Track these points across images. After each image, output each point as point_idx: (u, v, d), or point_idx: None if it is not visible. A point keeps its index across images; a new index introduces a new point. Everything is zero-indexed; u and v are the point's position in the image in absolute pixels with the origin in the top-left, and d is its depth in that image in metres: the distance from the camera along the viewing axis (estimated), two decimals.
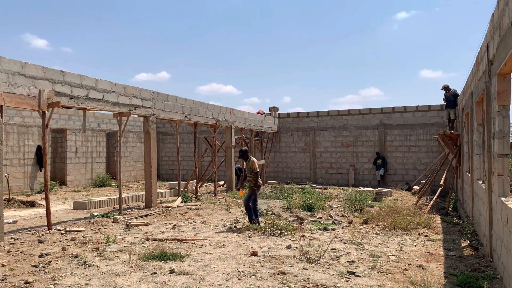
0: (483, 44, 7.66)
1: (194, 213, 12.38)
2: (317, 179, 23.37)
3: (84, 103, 11.44)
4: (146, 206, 13.92)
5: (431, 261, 7.27)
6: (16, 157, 19.09)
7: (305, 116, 24.01)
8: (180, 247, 7.93)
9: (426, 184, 16.18)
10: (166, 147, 27.91)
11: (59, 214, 12.66)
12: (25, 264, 6.84)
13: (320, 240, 8.71)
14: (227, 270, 6.47)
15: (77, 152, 22.24)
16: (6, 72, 9.24)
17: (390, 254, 7.63)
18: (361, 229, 10.15)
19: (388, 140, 21.72)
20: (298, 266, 6.73)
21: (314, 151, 23.56)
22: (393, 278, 6.20)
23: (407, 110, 21.39)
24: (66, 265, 6.73)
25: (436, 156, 20.19)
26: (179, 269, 6.41)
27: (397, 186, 20.57)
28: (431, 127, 20.68)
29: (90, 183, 22.60)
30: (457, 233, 9.90)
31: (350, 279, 6.09)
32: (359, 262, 7.06)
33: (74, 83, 11.12)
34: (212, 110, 17.84)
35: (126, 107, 12.92)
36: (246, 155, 10.73)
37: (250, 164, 10.45)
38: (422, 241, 8.92)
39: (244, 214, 12.10)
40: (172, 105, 15.27)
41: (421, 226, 10.33)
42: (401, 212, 11.77)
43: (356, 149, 22.55)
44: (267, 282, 5.85)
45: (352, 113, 22.78)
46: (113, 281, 5.87)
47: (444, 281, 6.09)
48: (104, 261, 6.96)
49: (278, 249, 7.95)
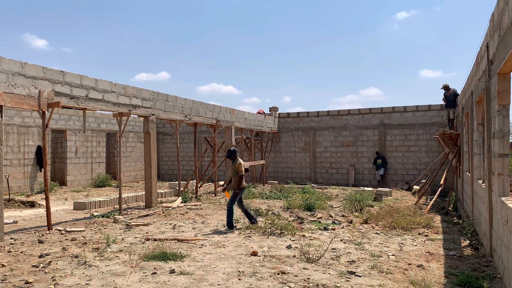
0: (483, 44, 7.66)
1: (194, 213, 12.37)
2: (317, 179, 23.37)
3: (84, 103, 11.43)
4: (146, 206, 13.92)
5: (431, 260, 7.27)
6: (16, 157, 19.09)
7: (305, 116, 24.01)
8: (180, 247, 7.93)
9: (426, 183, 16.18)
10: (166, 147, 27.91)
11: (59, 214, 12.66)
12: (25, 264, 6.84)
13: (320, 240, 8.71)
14: (227, 270, 6.47)
15: (77, 152, 22.24)
16: (6, 72, 9.24)
17: (390, 254, 7.63)
18: (361, 229, 10.15)
19: (388, 140, 21.73)
20: (298, 266, 6.73)
21: (314, 151, 23.56)
22: (393, 278, 6.20)
23: (407, 109, 21.39)
24: (66, 265, 6.73)
25: (436, 155, 20.19)
26: (179, 269, 6.41)
27: (397, 186, 20.58)
28: (431, 127, 20.68)
29: (90, 183, 22.60)
30: (457, 232, 9.90)
31: (350, 279, 6.09)
32: (359, 262, 7.06)
33: (74, 83, 11.11)
34: (212, 110, 17.84)
35: (126, 107, 12.92)
36: (233, 156, 10.38)
37: (237, 166, 10.16)
38: (422, 240, 8.92)
39: (243, 214, 12.10)
40: (172, 105, 15.27)
41: (421, 225, 10.33)
42: (401, 212, 11.77)
43: (356, 149, 22.55)
44: (267, 282, 5.85)
45: (352, 113, 22.78)
46: (113, 281, 5.87)
47: (444, 280, 6.09)
48: (104, 261, 6.96)
49: (278, 249, 7.95)
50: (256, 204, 14.17)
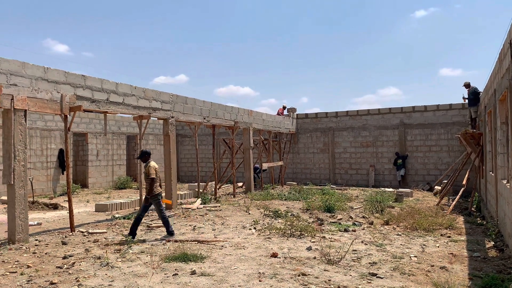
0: (506, 41, 7.50)
1: (214, 215, 12.43)
2: (337, 180, 23.21)
3: (105, 107, 11.60)
4: (167, 208, 14.02)
5: (455, 262, 7.14)
6: (39, 160, 19.50)
7: (323, 116, 23.89)
8: (201, 248, 7.98)
9: (448, 184, 15.91)
10: (185, 149, 28.11)
11: (81, 216, 12.87)
12: (50, 265, 6.98)
13: (340, 241, 8.65)
14: (248, 271, 6.48)
15: (98, 155, 22.60)
16: (30, 77, 9.45)
17: (412, 255, 7.52)
18: (382, 230, 10.04)
19: (409, 140, 21.45)
20: (319, 267, 6.70)
21: (333, 151, 23.41)
22: (415, 279, 6.12)
23: (428, 109, 21.09)
24: (89, 267, 6.84)
25: (458, 155, 19.84)
26: (200, 270, 6.45)
27: (418, 187, 20.29)
28: (452, 126, 20.35)
29: (111, 186, 22.93)
30: (481, 234, 9.70)
31: (372, 280, 6.02)
32: (381, 263, 6.98)
33: (95, 87, 11.29)
34: (230, 112, 17.90)
35: (146, 110, 13.06)
36: (145, 158, 9.44)
37: (147, 169, 9.15)
38: (445, 242, 8.77)
39: (263, 216, 12.12)
40: (191, 107, 15.38)
41: (443, 227, 10.16)
42: (422, 212, 11.61)
43: (376, 149, 22.33)
44: (288, 284, 5.84)
45: (371, 113, 22.57)
46: (135, 282, 5.94)
47: (469, 283, 5.97)
48: (126, 263, 7.05)
49: (298, 250, 7.93)
50: (275, 205, 14.16)
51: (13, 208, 8.80)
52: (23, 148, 9.05)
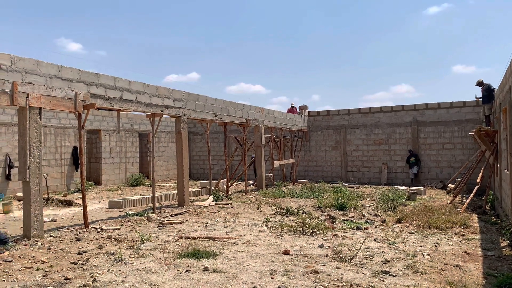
0: None
1: (226, 212, 12.47)
2: (349, 178, 23.12)
3: (118, 105, 11.70)
4: (179, 204, 14.13)
5: (469, 261, 7.07)
6: (54, 157, 19.73)
7: (335, 114, 23.78)
8: (213, 245, 8.01)
9: (462, 182, 15.74)
10: (197, 147, 28.23)
11: (95, 212, 13.01)
12: (65, 261, 7.07)
13: (353, 239, 8.62)
14: (260, 268, 6.49)
15: (111, 153, 22.80)
16: (44, 76, 9.56)
17: (426, 254, 7.47)
18: (395, 228, 9.98)
19: (422, 137, 21.27)
20: (331, 265, 6.69)
21: (345, 149, 23.30)
22: (429, 278, 6.07)
23: (441, 106, 20.87)
24: (103, 262, 6.92)
25: (471, 153, 19.62)
26: (212, 267, 6.48)
27: (431, 185, 20.12)
28: (466, 124, 20.13)
29: (124, 183, 23.13)
30: (496, 232, 9.58)
31: (384, 278, 6.00)
32: (394, 261, 6.95)
33: (108, 85, 11.39)
34: (242, 109, 17.92)
35: (159, 107, 13.14)
36: None
37: None
38: (458, 240, 8.69)
39: (275, 213, 12.14)
40: (203, 105, 15.43)
41: (457, 225, 10.05)
42: (436, 210, 11.51)
43: (389, 147, 22.17)
44: (300, 281, 5.84)
45: (384, 110, 22.41)
46: (149, 278, 5.99)
47: (483, 282, 5.91)
48: (139, 259, 7.11)
49: (310, 248, 7.92)
50: (287, 203, 14.16)
51: (28, 205, 8.93)
52: (38, 145, 9.17)
